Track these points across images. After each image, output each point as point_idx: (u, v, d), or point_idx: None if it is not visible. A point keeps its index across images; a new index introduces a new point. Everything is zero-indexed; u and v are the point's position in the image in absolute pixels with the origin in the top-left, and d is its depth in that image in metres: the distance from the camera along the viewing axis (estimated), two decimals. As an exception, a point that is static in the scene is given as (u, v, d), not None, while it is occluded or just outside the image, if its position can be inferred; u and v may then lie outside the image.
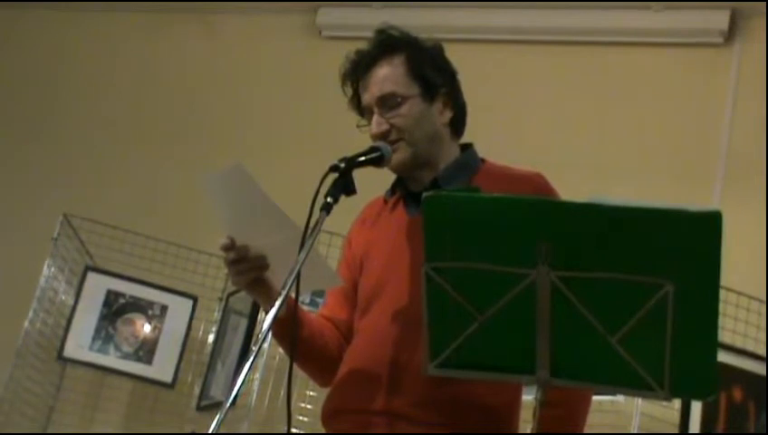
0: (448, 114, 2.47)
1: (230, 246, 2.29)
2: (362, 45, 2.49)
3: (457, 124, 2.50)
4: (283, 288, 2.12)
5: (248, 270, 2.31)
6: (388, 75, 2.42)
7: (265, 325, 2.12)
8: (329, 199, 2.22)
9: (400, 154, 2.40)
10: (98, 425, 5.24)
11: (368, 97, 2.44)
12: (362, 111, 2.47)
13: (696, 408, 4.24)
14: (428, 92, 2.43)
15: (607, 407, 4.13)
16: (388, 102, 2.41)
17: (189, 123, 5.91)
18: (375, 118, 2.42)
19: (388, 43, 2.46)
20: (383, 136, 2.40)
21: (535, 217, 1.91)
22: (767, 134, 4.99)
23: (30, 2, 6.28)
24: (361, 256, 2.49)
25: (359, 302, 2.46)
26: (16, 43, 6.35)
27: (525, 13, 5.55)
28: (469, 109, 2.53)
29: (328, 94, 2.52)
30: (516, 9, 5.56)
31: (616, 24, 5.43)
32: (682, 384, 1.91)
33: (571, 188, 2.33)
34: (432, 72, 2.45)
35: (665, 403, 4.00)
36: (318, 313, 2.58)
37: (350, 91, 2.48)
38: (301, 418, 4.51)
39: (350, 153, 2.32)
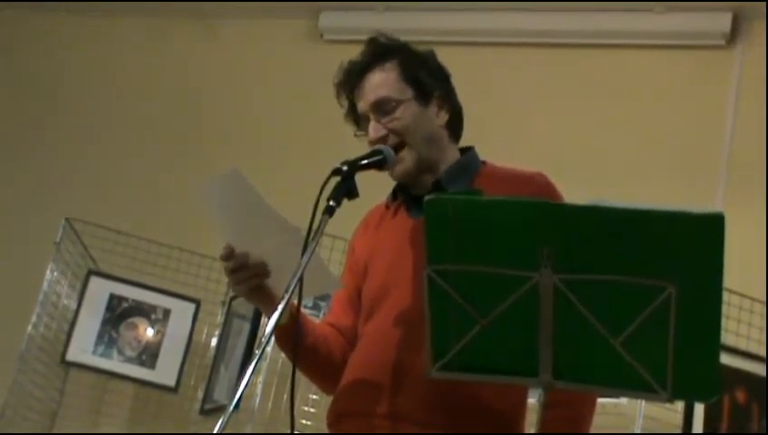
0: (444, 116, 2.48)
1: (229, 255, 2.28)
2: (357, 54, 2.49)
3: (454, 126, 2.50)
4: (285, 292, 2.12)
5: (249, 278, 2.29)
6: (381, 81, 2.43)
7: (267, 329, 2.12)
8: (331, 203, 2.22)
9: (404, 164, 2.41)
10: (101, 429, 5.24)
11: (363, 104, 2.45)
12: (358, 121, 2.48)
13: (699, 410, 4.23)
14: (422, 95, 2.44)
15: (610, 409, 4.12)
16: (383, 107, 2.42)
17: (192, 127, 5.91)
18: (372, 124, 2.43)
19: (379, 51, 2.47)
20: (381, 142, 2.41)
21: (537, 220, 1.91)
22: (769, 136, 4.99)
23: (33, 2, 6.29)
24: (365, 262, 2.49)
25: (363, 306, 2.46)
26: (19, 47, 6.35)
27: (528, 16, 5.55)
28: (471, 111, 2.54)
29: (330, 98, 2.52)
30: (519, 12, 5.56)
31: (618, 26, 5.43)
32: (685, 386, 1.91)
33: (573, 191, 2.34)
34: (425, 75, 2.46)
35: (668, 405, 4.00)
36: (323, 320, 2.57)
37: (346, 103, 2.49)
38: (304, 421, 4.51)
39: (352, 157, 2.33)
